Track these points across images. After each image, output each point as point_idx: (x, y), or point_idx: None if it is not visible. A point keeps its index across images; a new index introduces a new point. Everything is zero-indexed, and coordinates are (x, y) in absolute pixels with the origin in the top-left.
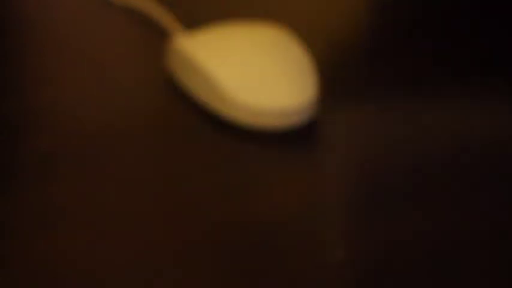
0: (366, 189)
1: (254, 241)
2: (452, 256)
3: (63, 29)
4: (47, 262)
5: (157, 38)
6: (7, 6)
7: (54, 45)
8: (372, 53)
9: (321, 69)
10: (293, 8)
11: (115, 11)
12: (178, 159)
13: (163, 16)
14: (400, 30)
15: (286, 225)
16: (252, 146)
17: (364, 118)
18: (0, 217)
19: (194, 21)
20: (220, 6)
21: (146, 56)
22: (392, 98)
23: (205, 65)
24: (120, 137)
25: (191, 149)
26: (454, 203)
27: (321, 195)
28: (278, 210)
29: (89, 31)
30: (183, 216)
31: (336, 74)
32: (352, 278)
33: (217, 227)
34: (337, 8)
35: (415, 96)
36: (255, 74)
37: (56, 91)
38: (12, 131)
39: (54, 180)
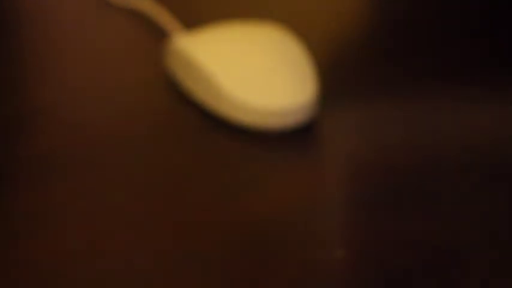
0: (366, 189)
1: (254, 240)
2: (452, 256)
3: (63, 29)
4: (46, 263)
5: (157, 38)
6: (7, 6)
7: (54, 46)
8: (372, 53)
9: (320, 69)
10: (293, 8)
11: (115, 11)
12: (177, 159)
13: (163, 16)
14: (400, 30)
15: (286, 225)
16: (252, 146)
17: (364, 118)
18: None
19: (194, 21)
20: (220, 6)
21: (146, 56)
22: (392, 98)
23: (205, 65)
24: (120, 137)
25: (190, 148)
26: (454, 203)
27: (321, 195)
28: (278, 210)
29: (89, 31)
30: (183, 216)
31: (336, 74)
32: (352, 278)
33: (217, 226)
34: (337, 7)
35: (415, 96)
36: (255, 74)
37: (56, 91)
38: (11, 131)
39: (54, 181)
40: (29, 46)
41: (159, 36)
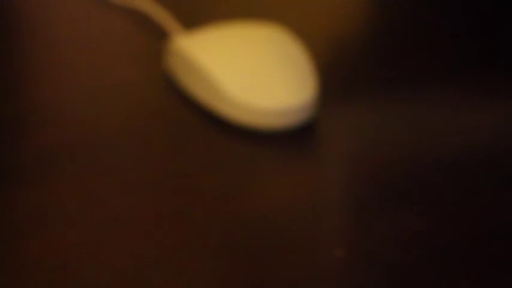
0: (366, 189)
1: (254, 241)
2: (452, 255)
3: (63, 29)
4: (46, 262)
5: (157, 38)
6: (7, 6)
7: (53, 45)
8: (372, 53)
9: (320, 68)
10: (293, 8)
11: (115, 11)
12: (178, 159)
13: (163, 16)
14: (399, 30)
15: (286, 225)
16: (251, 146)
17: (363, 118)
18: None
19: (194, 21)
20: (220, 6)
21: (146, 56)
22: (392, 98)
23: (205, 65)
24: (120, 137)
25: (191, 148)
26: (454, 203)
27: (320, 195)
28: (278, 210)
29: (89, 31)
30: (183, 216)
31: (336, 74)
32: (352, 278)
33: (216, 226)
34: (337, 7)
35: (415, 95)
36: (255, 73)
37: (56, 91)
38: (11, 131)
39: (54, 180)
40: (29, 46)
41: (159, 36)
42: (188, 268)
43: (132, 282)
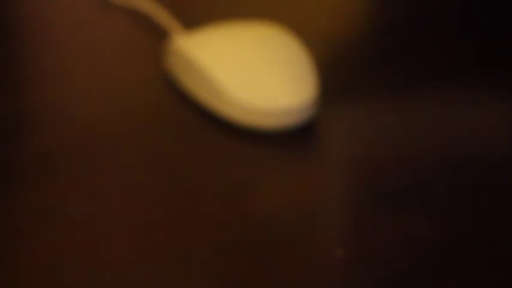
0: (366, 189)
1: (254, 241)
2: (452, 256)
3: (63, 29)
4: (47, 262)
5: (157, 38)
6: (7, 6)
7: (53, 45)
8: (372, 53)
9: (320, 68)
10: (293, 8)
11: (115, 11)
12: (177, 159)
13: (163, 16)
14: (399, 30)
15: (286, 225)
16: (251, 146)
17: (363, 118)
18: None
19: (194, 21)
20: (220, 6)
21: (146, 56)
22: (392, 98)
23: (205, 65)
24: (120, 137)
25: (190, 148)
26: (454, 203)
27: (320, 195)
28: (278, 210)
29: (89, 31)
30: (183, 216)
31: (336, 74)
32: (352, 278)
33: (216, 226)
34: (337, 7)
35: (415, 96)
36: (255, 73)
37: (55, 91)
38: (11, 131)
39: (54, 180)
40: (29, 46)
41: (159, 36)
42: (188, 268)
43: (132, 282)
